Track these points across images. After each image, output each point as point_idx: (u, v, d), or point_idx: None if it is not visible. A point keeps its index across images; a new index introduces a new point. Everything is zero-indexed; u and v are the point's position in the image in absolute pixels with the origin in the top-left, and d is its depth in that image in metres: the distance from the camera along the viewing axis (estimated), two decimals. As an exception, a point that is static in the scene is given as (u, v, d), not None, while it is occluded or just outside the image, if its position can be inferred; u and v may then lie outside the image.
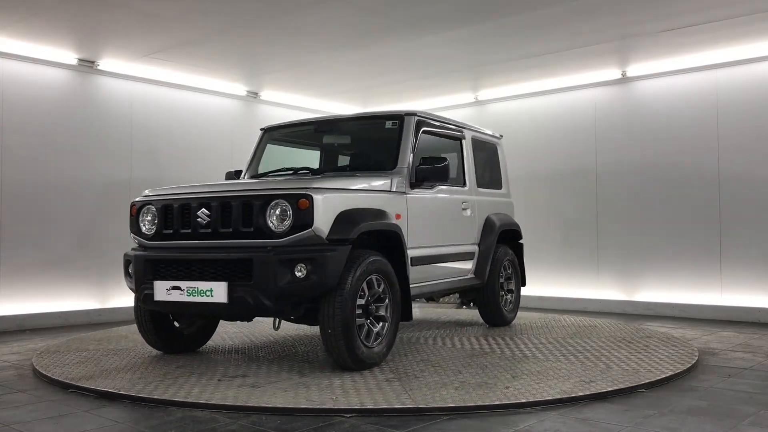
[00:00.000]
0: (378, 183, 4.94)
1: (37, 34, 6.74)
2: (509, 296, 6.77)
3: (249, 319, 4.97)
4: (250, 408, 3.65)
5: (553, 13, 6.21)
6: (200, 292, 4.39)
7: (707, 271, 7.64)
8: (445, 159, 5.21)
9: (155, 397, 3.85)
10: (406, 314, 4.92)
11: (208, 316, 5.22)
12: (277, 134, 6.19)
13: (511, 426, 3.35)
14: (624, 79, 8.33)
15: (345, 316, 4.29)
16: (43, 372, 4.56)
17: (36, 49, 7.14)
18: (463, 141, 6.19)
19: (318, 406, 3.62)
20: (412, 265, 5.07)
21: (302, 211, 4.25)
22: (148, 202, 4.83)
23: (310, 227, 4.25)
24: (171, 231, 4.67)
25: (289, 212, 4.28)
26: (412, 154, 5.26)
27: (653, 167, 8.07)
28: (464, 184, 6.12)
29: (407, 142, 5.28)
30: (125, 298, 7.62)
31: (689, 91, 7.85)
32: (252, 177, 5.92)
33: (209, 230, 4.49)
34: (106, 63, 7.75)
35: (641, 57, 7.70)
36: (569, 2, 5.94)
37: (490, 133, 6.95)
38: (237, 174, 6.03)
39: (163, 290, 4.53)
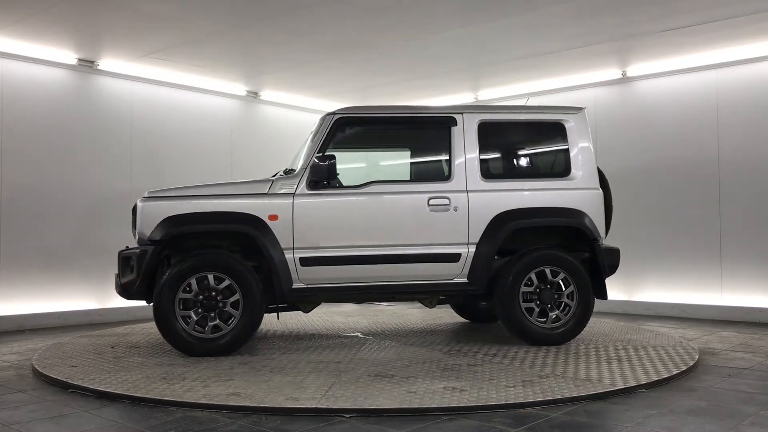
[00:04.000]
0: (253, 187, 5.28)
1: (37, 34, 6.74)
2: (559, 311, 5.48)
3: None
4: (250, 408, 3.65)
5: (553, 13, 6.21)
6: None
7: (707, 271, 7.64)
8: (329, 157, 5.16)
9: (155, 397, 3.85)
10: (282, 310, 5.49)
11: None
12: None
13: (512, 426, 3.35)
14: (624, 79, 8.33)
15: (159, 307, 4.98)
16: (43, 372, 4.56)
17: (36, 49, 7.13)
18: (453, 128, 5.54)
19: (318, 406, 3.62)
20: (302, 266, 5.19)
21: (133, 216, 5.27)
22: None
23: (136, 230, 5.20)
24: None
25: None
26: (318, 155, 5.26)
27: (653, 167, 8.07)
28: (448, 178, 5.50)
29: (316, 143, 5.36)
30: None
31: (689, 91, 7.85)
32: None
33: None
34: (106, 63, 7.74)
35: (641, 57, 7.70)
36: (569, 2, 5.94)
37: (550, 109, 5.88)
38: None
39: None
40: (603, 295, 5.64)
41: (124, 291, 5.20)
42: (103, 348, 5.54)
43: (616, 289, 8.29)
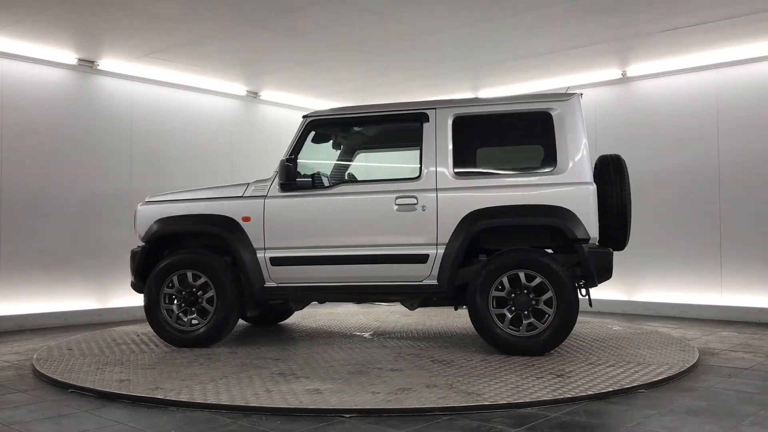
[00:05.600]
0: (231, 190, 5.62)
1: (37, 34, 6.74)
2: (535, 319, 4.96)
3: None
4: (250, 408, 3.66)
5: (553, 13, 6.21)
6: None
7: (707, 271, 7.64)
8: (282, 161, 5.32)
9: (155, 396, 3.86)
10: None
11: None
12: None
13: (512, 426, 3.35)
14: (624, 79, 8.33)
15: (147, 301, 5.55)
16: (43, 372, 4.57)
17: (36, 49, 7.13)
18: (425, 125, 5.31)
19: (318, 407, 3.62)
20: (273, 265, 5.40)
21: (134, 219, 5.81)
22: None
23: (134, 231, 5.77)
24: None
25: None
26: (289, 157, 5.39)
27: (653, 167, 8.07)
28: (418, 177, 5.25)
29: (290, 146, 5.50)
30: (125, 298, 7.63)
31: (689, 91, 7.85)
32: None
33: None
34: (106, 63, 7.74)
35: (641, 57, 7.70)
36: (569, 2, 5.94)
37: (534, 97, 5.50)
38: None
39: None
40: (589, 302, 5.21)
41: (132, 286, 5.81)
42: (113, 338, 5.56)
43: (616, 289, 8.30)
